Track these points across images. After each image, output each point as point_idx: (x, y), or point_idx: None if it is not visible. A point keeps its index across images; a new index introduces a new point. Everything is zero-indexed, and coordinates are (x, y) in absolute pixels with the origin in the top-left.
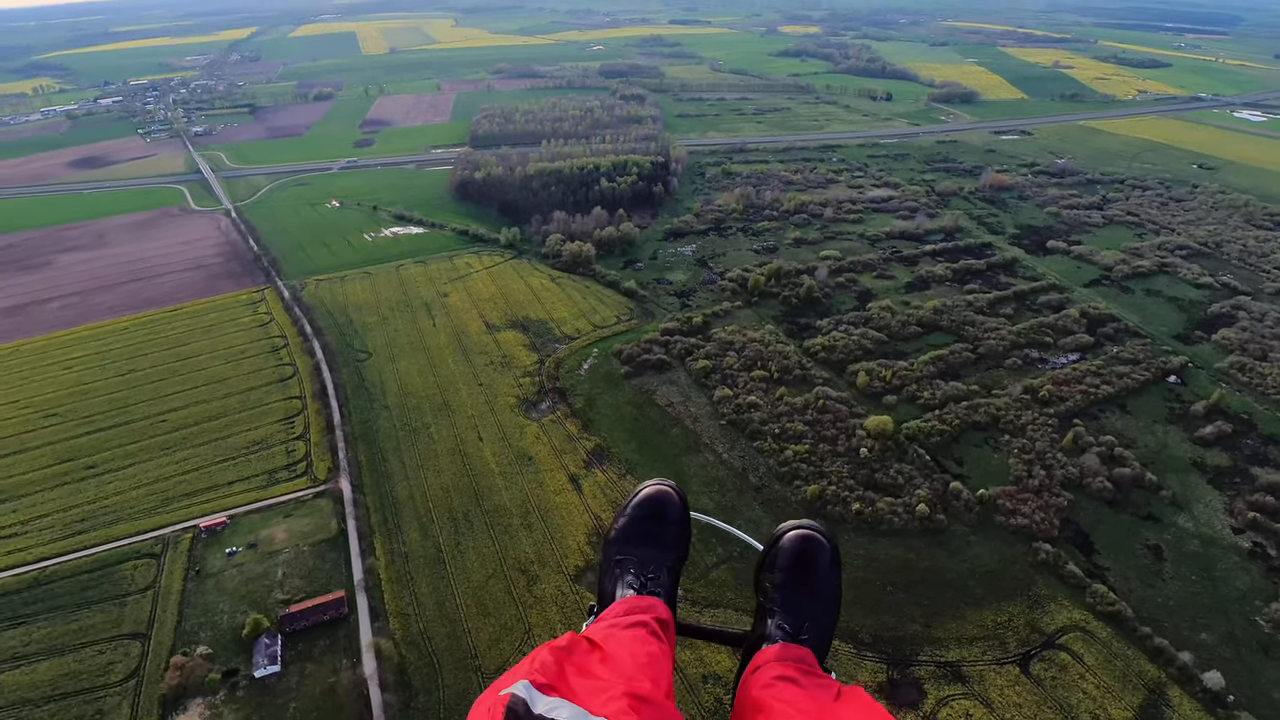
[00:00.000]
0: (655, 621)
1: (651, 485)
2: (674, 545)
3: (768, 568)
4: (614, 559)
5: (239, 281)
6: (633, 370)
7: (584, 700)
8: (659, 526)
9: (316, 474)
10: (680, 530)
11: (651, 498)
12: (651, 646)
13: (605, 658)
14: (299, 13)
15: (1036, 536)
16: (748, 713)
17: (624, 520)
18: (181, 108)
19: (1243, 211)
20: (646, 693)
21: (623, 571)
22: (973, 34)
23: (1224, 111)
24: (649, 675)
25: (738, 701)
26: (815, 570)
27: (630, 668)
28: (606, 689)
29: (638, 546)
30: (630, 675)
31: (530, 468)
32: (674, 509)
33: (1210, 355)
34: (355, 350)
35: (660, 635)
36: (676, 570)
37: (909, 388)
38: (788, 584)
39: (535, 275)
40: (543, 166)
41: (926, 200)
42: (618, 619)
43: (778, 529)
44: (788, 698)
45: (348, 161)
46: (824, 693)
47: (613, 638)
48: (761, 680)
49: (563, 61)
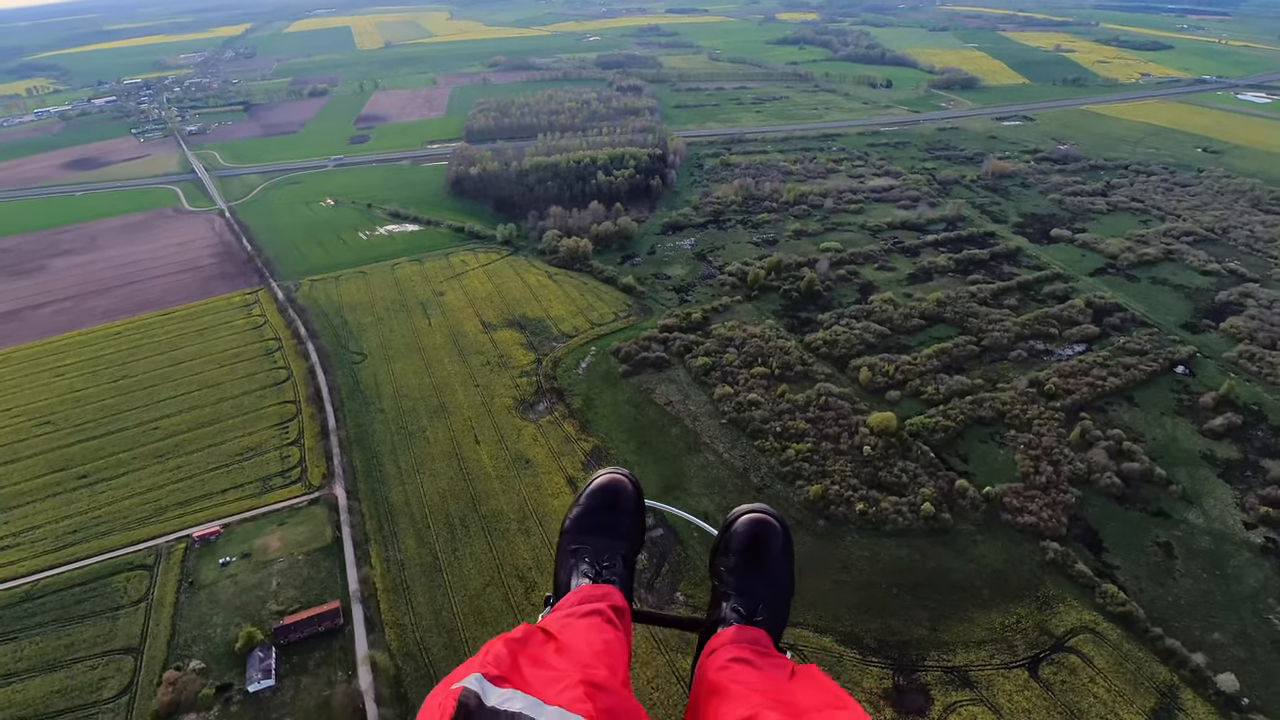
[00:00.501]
0: (611, 609)
1: (605, 474)
2: (629, 534)
3: (722, 552)
4: (569, 548)
5: (233, 283)
6: (631, 368)
7: (538, 690)
8: (613, 516)
9: (311, 480)
10: (635, 519)
11: (605, 487)
12: (607, 634)
13: (560, 647)
14: (293, 8)
15: (1044, 535)
16: (704, 695)
17: (578, 510)
18: (176, 106)
19: (1249, 196)
20: (602, 680)
21: (578, 561)
22: (973, 18)
23: (1228, 94)
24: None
25: (695, 684)
26: (768, 553)
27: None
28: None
29: (592, 536)
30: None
31: (528, 470)
32: (628, 498)
33: (1218, 344)
34: (350, 352)
35: (616, 623)
36: (631, 559)
37: (912, 382)
38: (741, 567)
39: (532, 272)
40: (538, 161)
41: (928, 189)
42: (573, 608)
43: (730, 513)
44: (743, 678)
45: (341, 159)
46: (779, 672)
47: (568, 627)
48: (717, 663)
49: (559, 53)
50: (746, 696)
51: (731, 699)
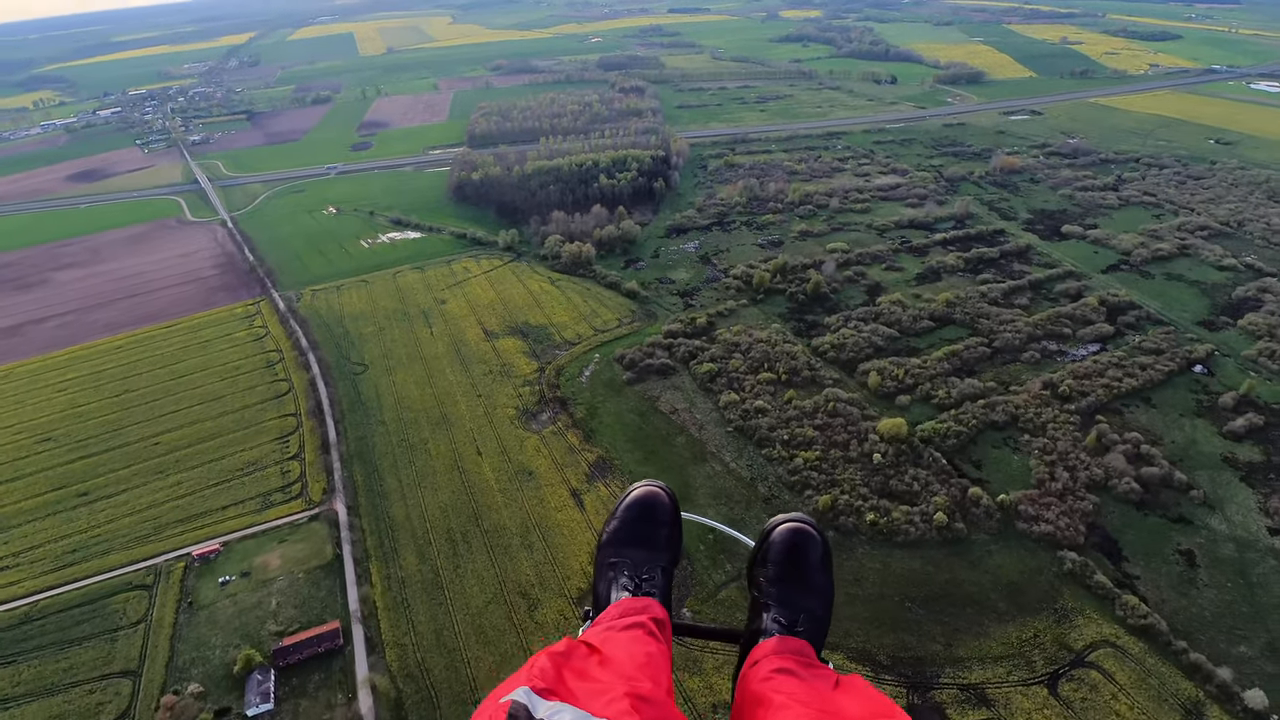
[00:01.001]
0: (652, 622)
1: (641, 487)
2: (666, 546)
3: (760, 563)
4: (607, 562)
5: (235, 294)
6: (635, 376)
7: (585, 703)
8: (650, 528)
9: (311, 496)
10: (672, 531)
11: (641, 500)
12: (649, 647)
13: (604, 660)
14: (297, 15)
15: (1061, 544)
16: (748, 707)
17: (615, 523)
18: (180, 116)
19: (1264, 188)
20: (647, 692)
21: (617, 574)
22: (977, 12)
23: (1240, 83)
24: (648, 675)
25: (737, 696)
26: (807, 563)
27: (629, 669)
28: (607, 691)
29: (630, 549)
30: (630, 676)
31: (530, 483)
32: (665, 510)
33: (1237, 342)
34: (351, 363)
35: (657, 635)
36: (670, 571)
37: (922, 386)
38: (781, 578)
39: (534, 278)
40: (540, 165)
41: (935, 186)
42: (614, 621)
43: (768, 523)
44: (787, 689)
45: (343, 166)
46: (823, 683)
47: (610, 640)
48: (760, 674)
49: (561, 55)
50: (791, 708)
51: (776, 709)
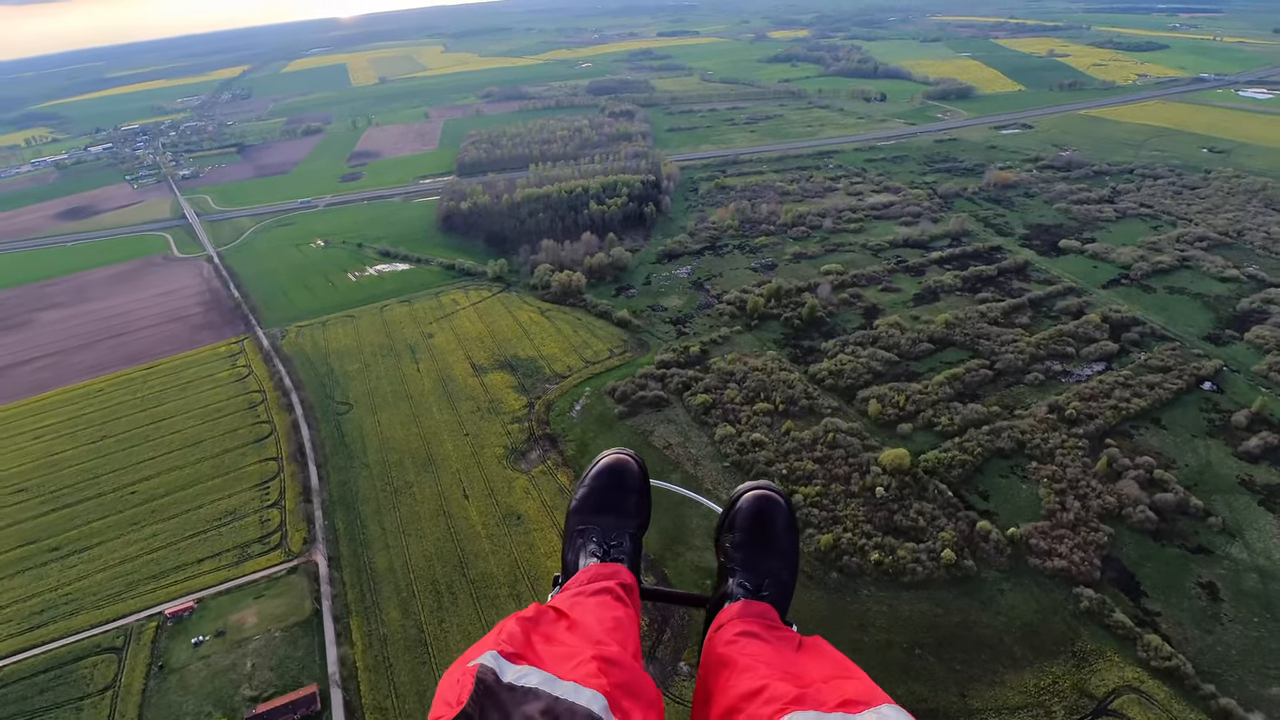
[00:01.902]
0: (620, 587)
1: (610, 454)
2: (635, 512)
3: (727, 529)
4: (576, 529)
5: (219, 332)
6: (628, 409)
7: (552, 666)
8: (619, 494)
9: (291, 546)
10: (640, 498)
11: (611, 466)
12: (617, 611)
13: (572, 625)
14: (291, 48)
15: (1077, 580)
16: (713, 668)
17: (584, 490)
18: (170, 151)
19: (1261, 195)
20: (614, 655)
21: (585, 540)
22: (964, 28)
23: (1229, 91)
24: (616, 639)
25: (703, 659)
26: (773, 528)
27: (597, 632)
28: (575, 654)
29: (599, 515)
30: (597, 640)
31: (519, 528)
32: (633, 477)
33: (1246, 356)
34: (335, 403)
35: (625, 600)
36: (638, 537)
37: (924, 413)
38: (747, 543)
39: (524, 309)
40: (530, 192)
41: (929, 204)
42: (583, 587)
43: (735, 491)
44: (751, 651)
45: (332, 198)
46: (786, 645)
47: (578, 605)
48: (725, 636)
49: (552, 81)
50: (755, 668)
51: (740, 671)
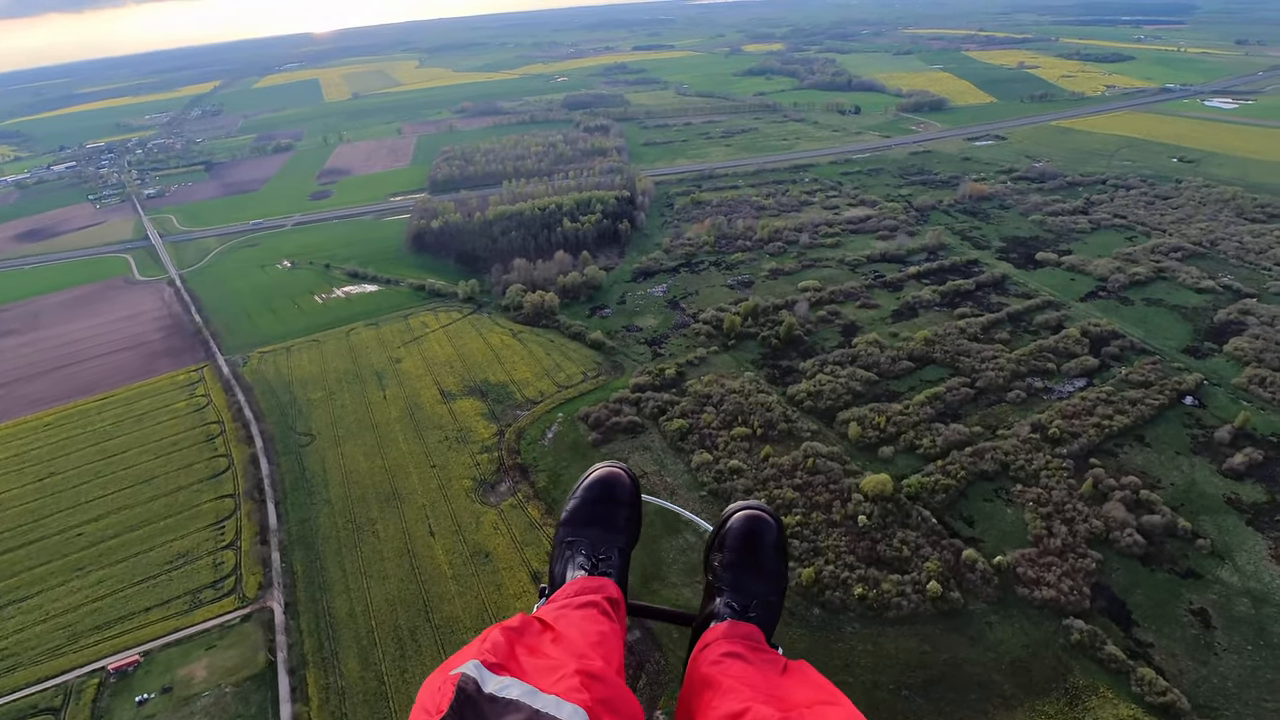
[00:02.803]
0: (606, 601)
1: (603, 467)
2: (625, 527)
3: (716, 548)
4: (565, 541)
5: (178, 359)
6: (601, 436)
7: (535, 679)
8: (610, 508)
9: (245, 591)
10: (631, 512)
11: (602, 480)
12: (603, 625)
13: (557, 637)
14: (264, 63)
15: (1066, 611)
16: (697, 688)
17: (575, 502)
18: (136, 169)
19: (1232, 205)
20: (598, 670)
21: (574, 553)
22: (935, 40)
23: (1195, 101)
24: (600, 653)
25: (687, 678)
26: (762, 549)
27: (581, 646)
28: (558, 667)
29: (588, 528)
30: (581, 654)
31: (487, 566)
32: (625, 491)
33: (1225, 369)
34: (297, 434)
35: (611, 614)
36: (627, 552)
37: (906, 435)
38: (735, 563)
39: (495, 331)
40: (502, 210)
41: (905, 217)
42: (569, 600)
43: (726, 510)
44: (735, 673)
45: (301, 217)
46: (771, 667)
47: (564, 618)
48: (710, 657)
49: (527, 96)
50: (739, 690)
51: (724, 693)
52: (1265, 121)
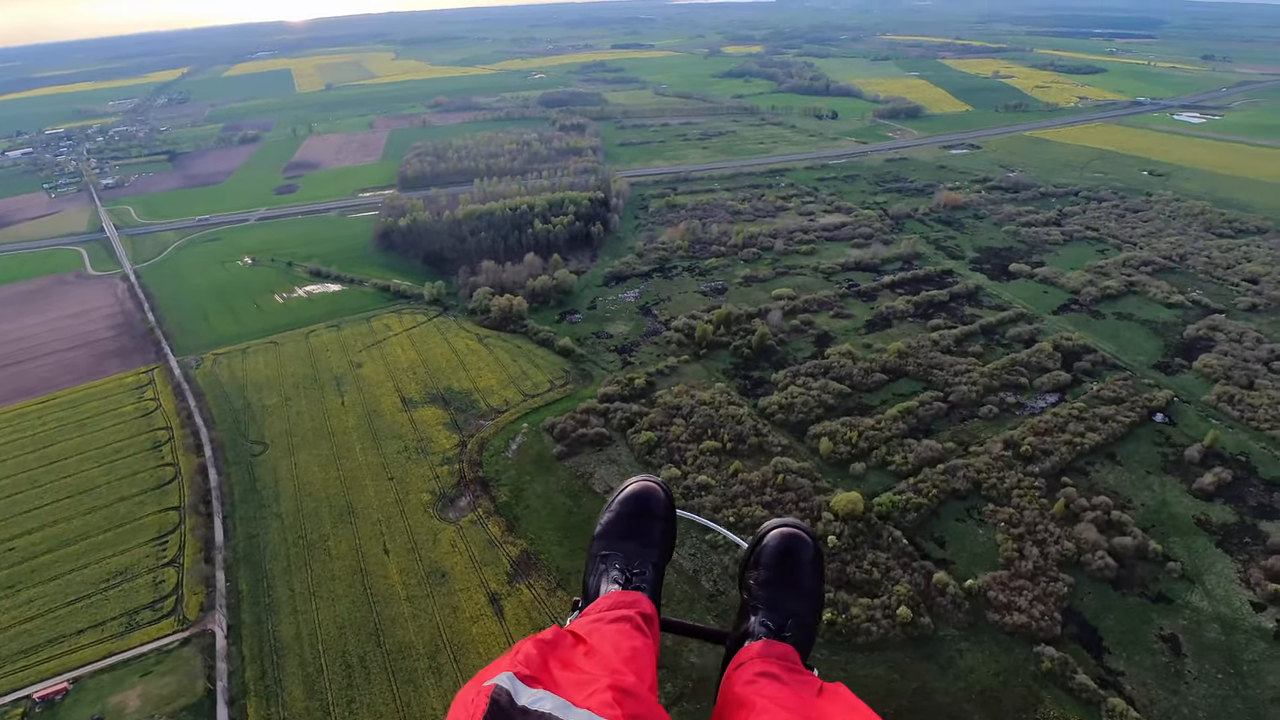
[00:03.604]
0: (639, 616)
1: (638, 481)
2: (659, 542)
3: (752, 565)
4: (599, 554)
5: (128, 360)
6: (567, 449)
7: (567, 692)
8: (644, 523)
9: (186, 613)
10: (666, 527)
11: (637, 494)
12: (636, 641)
13: (589, 651)
14: (235, 50)
15: (1037, 638)
16: (730, 709)
17: (610, 515)
18: (95, 158)
19: (1201, 219)
20: (630, 686)
21: (608, 567)
22: (913, 47)
23: (1164, 114)
24: (633, 669)
25: (720, 698)
26: (799, 567)
27: (614, 661)
28: (590, 682)
29: (623, 542)
30: (614, 669)
31: (443, 587)
32: (659, 505)
33: (1195, 386)
34: (249, 442)
35: (645, 630)
36: (661, 567)
37: (878, 451)
38: (771, 581)
39: (461, 336)
40: (473, 209)
41: (880, 225)
42: (602, 613)
43: (762, 527)
44: (770, 693)
45: (264, 212)
46: (806, 689)
47: (597, 632)
48: (744, 677)
49: (503, 92)
50: (773, 712)
51: (758, 713)
52: (1231, 137)
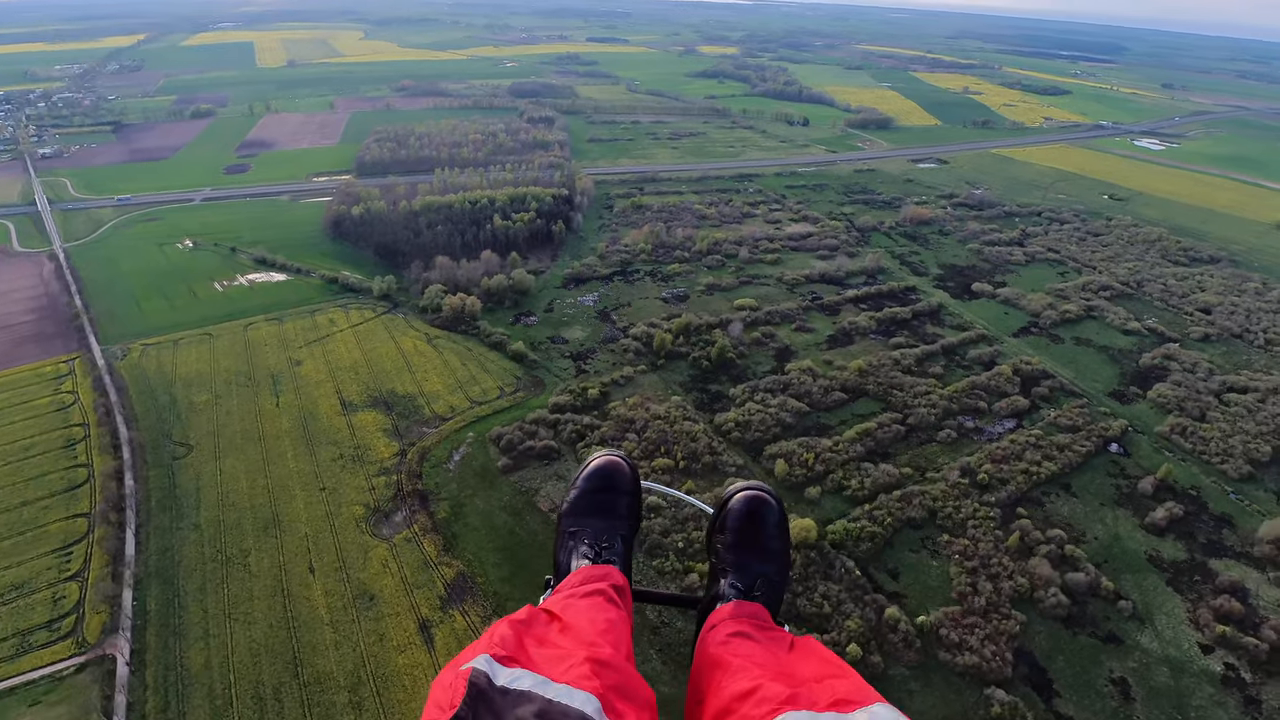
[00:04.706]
0: (612, 589)
1: (601, 456)
2: (626, 514)
3: (719, 529)
4: (567, 531)
5: (47, 347)
6: (512, 462)
7: (545, 669)
8: (610, 497)
9: (86, 635)
10: (632, 500)
11: (602, 469)
12: (609, 613)
13: (564, 627)
14: (197, 19)
15: (988, 679)
16: (706, 669)
17: (575, 492)
18: (34, 124)
19: (1158, 246)
20: (607, 657)
21: (576, 543)
22: (885, 58)
23: (1125, 140)
24: (609, 641)
25: (696, 660)
26: (764, 528)
27: (590, 635)
28: (567, 656)
29: (590, 517)
30: (590, 642)
31: (370, 612)
32: (624, 479)
33: (1149, 417)
34: (173, 443)
35: (618, 601)
36: (630, 539)
37: (834, 475)
38: (738, 544)
39: (409, 335)
40: (431, 200)
41: (846, 237)
42: (575, 589)
43: (726, 491)
44: (743, 651)
45: (211, 192)
46: (778, 645)
47: (570, 607)
48: (717, 638)
49: (473, 79)
50: (747, 669)
51: (733, 672)
52: (1188, 165)
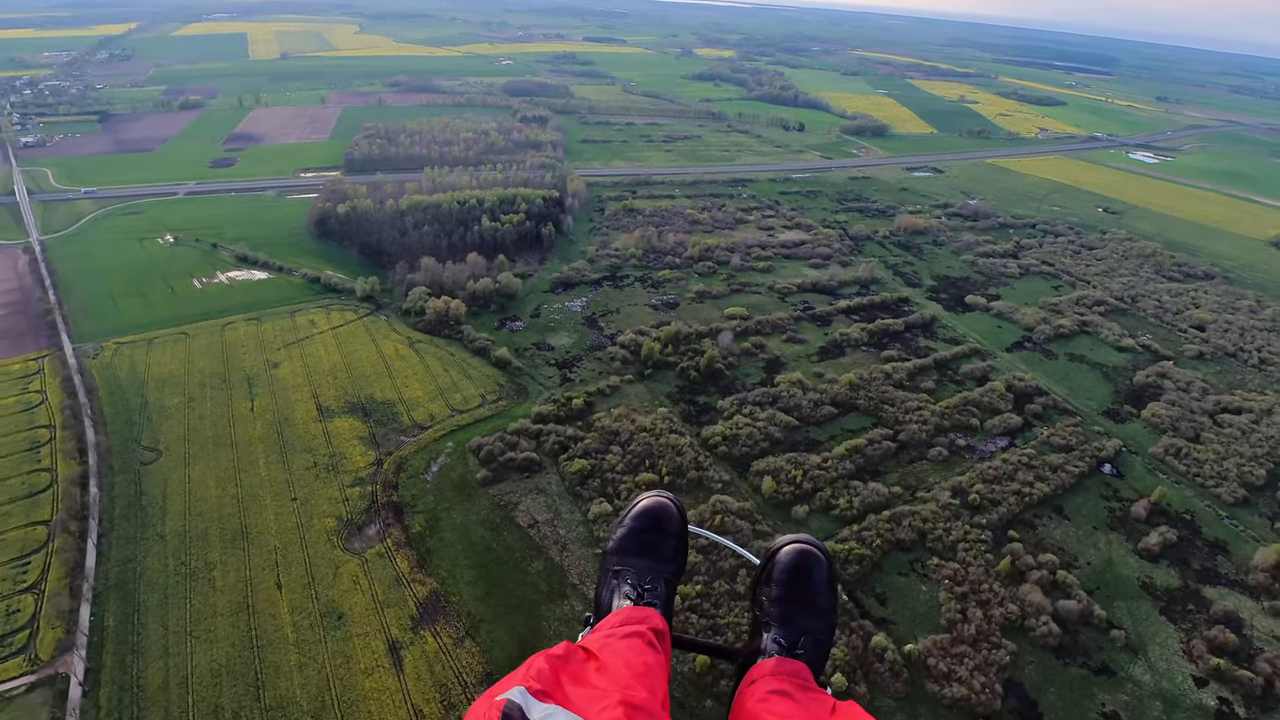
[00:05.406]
0: (651, 632)
1: (650, 497)
2: (671, 557)
3: (764, 581)
4: (612, 569)
5: (17, 343)
6: (492, 474)
7: (579, 708)
8: (657, 538)
9: (39, 651)
10: (678, 543)
11: (650, 509)
12: (648, 657)
13: (601, 667)
14: (190, 9)
15: (976, 712)
16: None
17: (622, 530)
18: (18, 112)
19: (1152, 261)
20: (642, 701)
21: (620, 582)
22: (882, 65)
23: (1119, 152)
24: (645, 685)
25: (732, 715)
26: (812, 584)
27: (626, 677)
28: (602, 697)
29: (635, 557)
30: (626, 684)
31: (338, 632)
32: (672, 522)
33: (1143, 437)
34: (142, 448)
35: (656, 646)
36: (674, 583)
37: (822, 493)
38: (784, 598)
39: (391, 338)
40: (418, 199)
41: (840, 245)
42: (614, 629)
43: (775, 543)
44: (782, 711)
45: (195, 185)
46: (819, 707)
47: (609, 647)
48: (756, 694)
49: (467, 76)
50: None
51: None
52: (1182, 180)
